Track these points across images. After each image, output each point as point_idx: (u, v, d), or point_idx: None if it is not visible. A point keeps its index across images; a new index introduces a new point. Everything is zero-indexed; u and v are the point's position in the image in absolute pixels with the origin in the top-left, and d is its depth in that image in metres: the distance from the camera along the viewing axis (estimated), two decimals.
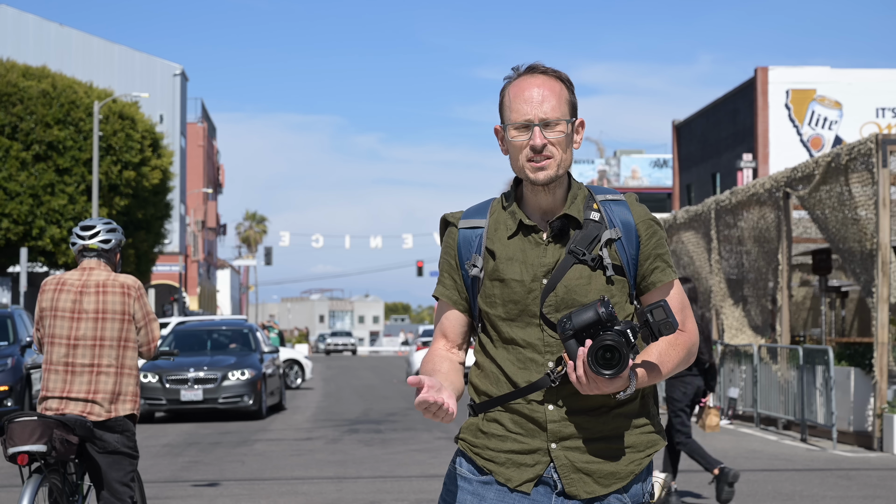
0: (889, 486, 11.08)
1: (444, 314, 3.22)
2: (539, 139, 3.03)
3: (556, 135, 3.05)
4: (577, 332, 2.93)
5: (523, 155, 3.05)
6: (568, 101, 3.09)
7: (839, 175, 14.95)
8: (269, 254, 76.14)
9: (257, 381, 19.05)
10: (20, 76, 37.93)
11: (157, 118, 56.62)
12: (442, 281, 3.21)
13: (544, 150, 3.03)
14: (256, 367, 19.27)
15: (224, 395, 18.67)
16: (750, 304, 19.34)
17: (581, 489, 3.03)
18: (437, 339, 3.23)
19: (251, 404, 18.88)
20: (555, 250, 3.07)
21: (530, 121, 3.04)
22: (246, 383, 18.85)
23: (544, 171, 3.04)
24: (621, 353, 2.87)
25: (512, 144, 3.07)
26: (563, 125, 3.05)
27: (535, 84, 3.07)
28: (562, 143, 3.05)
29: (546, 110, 3.04)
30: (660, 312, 2.94)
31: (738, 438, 15.76)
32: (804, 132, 33.33)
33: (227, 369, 18.89)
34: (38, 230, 36.78)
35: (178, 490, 10.83)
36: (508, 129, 3.07)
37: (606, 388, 2.93)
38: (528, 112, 3.04)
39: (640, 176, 52.04)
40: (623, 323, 2.93)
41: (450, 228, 3.22)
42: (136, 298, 6.22)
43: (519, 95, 3.07)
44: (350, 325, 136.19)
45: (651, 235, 3.11)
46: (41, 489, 5.99)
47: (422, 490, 10.70)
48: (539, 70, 3.10)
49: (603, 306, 2.91)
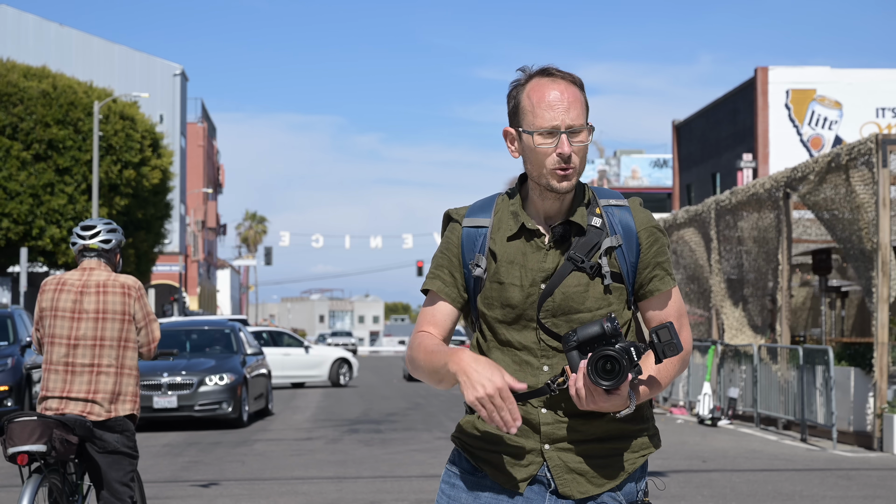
0: (889, 486, 11.08)
1: (436, 305, 3.15)
2: (567, 147, 2.99)
3: (580, 143, 3.02)
4: (581, 344, 2.93)
5: (549, 161, 3.00)
6: (587, 108, 3.07)
7: (839, 175, 14.95)
8: (269, 254, 76.18)
9: (237, 386, 17.57)
10: (20, 76, 37.96)
11: (157, 118, 56.64)
12: (440, 276, 3.15)
13: (571, 160, 3.00)
14: (237, 371, 17.81)
15: (200, 402, 17.15)
16: (750, 304, 19.34)
17: (574, 489, 3.03)
18: (426, 326, 3.14)
19: (230, 412, 17.37)
20: (555, 256, 3.05)
21: (557, 127, 3.00)
22: (225, 389, 17.35)
23: (569, 182, 3.01)
24: (621, 365, 2.86)
25: (536, 150, 3.02)
26: (586, 134, 3.03)
27: (559, 89, 3.02)
28: (583, 152, 3.04)
29: (573, 117, 3.00)
30: (665, 333, 2.94)
31: (738, 438, 15.76)
32: (804, 132, 33.33)
33: (204, 374, 17.34)
34: (38, 230, 36.79)
35: (178, 490, 10.82)
36: (534, 135, 3.02)
37: (603, 402, 2.90)
38: (556, 119, 3.00)
39: (640, 176, 52.06)
40: (628, 342, 2.93)
41: (452, 224, 3.18)
42: (136, 299, 6.22)
43: (543, 100, 3.01)
44: (350, 325, 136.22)
45: (652, 243, 3.10)
46: (41, 489, 5.99)
47: (422, 490, 10.70)
48: (558, 74, 3.06)
49: (609, 322, 2.91)
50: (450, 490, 3.15)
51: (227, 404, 17.34)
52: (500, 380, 2.84)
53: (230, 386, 17.44)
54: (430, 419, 19.23)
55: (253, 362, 19.23)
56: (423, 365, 3.07)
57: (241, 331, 19.80)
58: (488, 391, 2.83)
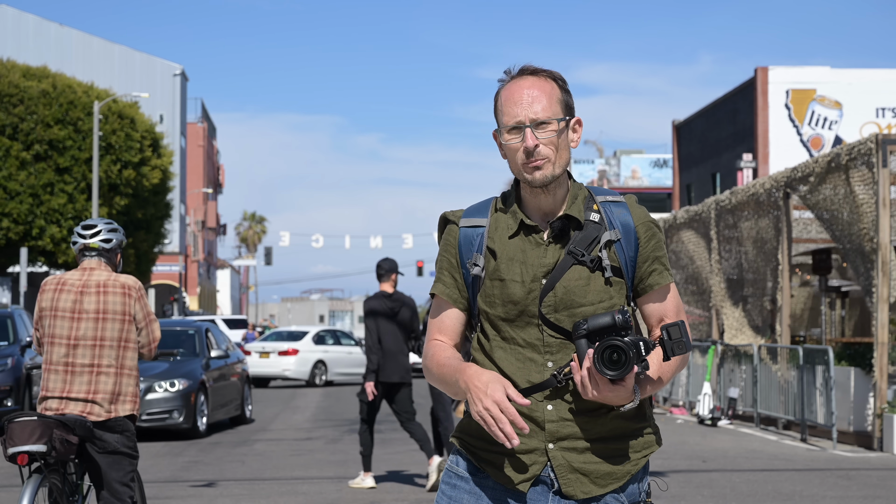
0: (889, 486, 11.08)
1: (443, 311, 3.20)
2: (531, 140, 3.02)
3: (548, 135, 3.04)
4: (591, 333, 2.95)
5: (518, 157, 3.06)
6: (560, 101, 3.08)
7: (839, 175, 14.95)
8: (269, 254, 76.17)
9: (191, 392, 15.77)
10: (21, 76, 37.98)
11: (157, 118, 56.65)
12: (441, 279, 3.19)
13: (537, 152, 3.03)
14: (193, 377, 16.03)
15: (147, 411, 15.42)
16: (750, 304, 19.34)
17: (578, 489, 3.03)
18: (435, 333, 3.19)
19: (181, 421, 15.60)
20: (555, 251, 3.07)
21: (521, 122, 3.04)
22: (176, 396, 15.60)
23: (540, 171, 3.04)
24: (627, 356, 2.88)
25: (507, 148, 3.08)
26: (555, 124, 3.05)
27: (524, 86, 3.07)
28: (555, 143, 3.05)
29: (537, 111, 3.04)
30: (676, 331, 2.96)
31: (738, 438, 15.76)
32: (804, 132, 33.33)
33: (152, 379, 15.62)
34: (38, 230, 36.80)
35: (178, 490, 10.83)
36: (502, 132, 3.08)
37: (607, 392, 2.92)
38: (519, 114, 3.04)
39: (640, 176, 52.05)
40: (637, 336, 2.95)
41: (450, 226, 3.20)
42: (136, 299, 6.22)
43: (509, 98, 3.07)
44: (350, 325, 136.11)
45: (650, 238, 3.12)
46: (41, 489, 5.99)
47: (422, 490, 10.71)
48: (528, 71, 3.10)
49: (620, 314, 2.93)
50: (451, 491, 3.14)
51: (178, 413, 15.59)
52: (499, 393, 2.90)
53: (182, 393, 15.70)
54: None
55: (219, 366, 17.39)
56: (437, 377, 3.14)
57: (210, 331, 17.95)
58: (486, 405, 2.90)
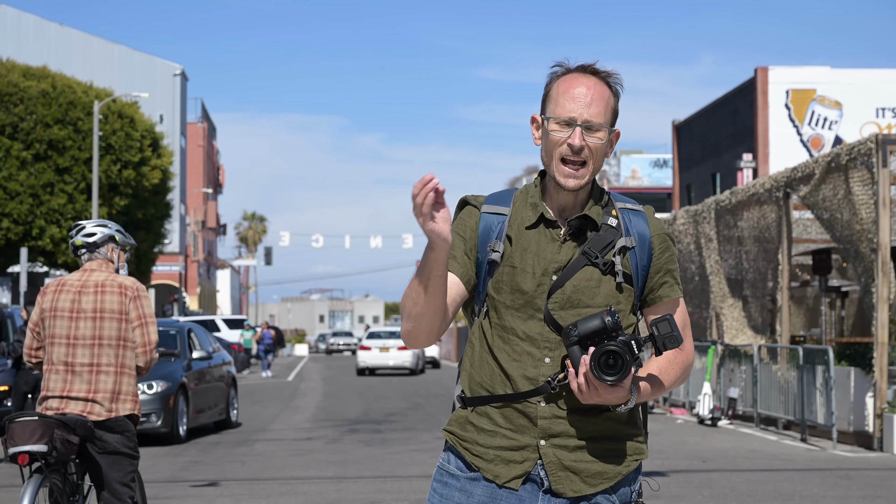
0: (889, 486, 11.09)
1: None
2: (579, 140, 3.01)
3: (595, 140, 3.04)
4: (582, 339, 2.94)
5: (559, 151, 3.04)
6: (612, 110, 3.09)
7: (839, 175, 14.96)
8: (269, 254, 76.19)
9: (170, 395, 15.14)
10: (20, 76, 37.96)
11: (157, 118, 56.62)
12: (452, 255, 3.11)
13: (582, 153, 3.02)
14: (171, 379, 15.37)
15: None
16: (750, 304, 19.35)
17: (568, 487, 3.03)
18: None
19: (159, 425, 14.98)
20: (569, 248, 3.08)
21: (574, 119, 3.03)
22: (154, 399, 14.92)
23: (575, 180, 3.04)
24: (624, 360, 2.89)
25: (550, 138, 3.06)
26: (604, 132, 3.05)
27: (585, 84, 3.06)
28: (598, 151, 3.05)
29: (592, 113, 3.03)
30: (665, 326, 2.97)
31: (738, 438, 15.77)
32: (804, 132, 33.32)
33: None
34: (38, 230, 36.79)
35: (178, 490, 10.83)
36: (550, 121, 3.05)
37: (607, 395, 2.94)
38: (574, 110, 3.03)
39: (640, 176, 52.02)
40: (628, 335, 2.95)
41: (470, 208, 3.18)
42: (132, 298, 6.18)
43: (568, 92, 3.05)
44: (350, 325, 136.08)
45: (664, 250, 3.14)
46: (42, 489, 6.00)
47: (422, 490, 10.70)
48: (591, 70, 3.09)
49: (609, 315, 2.93)
50: (442, 489, 3.14)
51: (155, 416, 14.96)
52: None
53: (161, 395, 15.05)
54: (430, 419, 19.23)
55: (202, 367, 16.64)
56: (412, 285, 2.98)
57: (194, 332, 17.18)
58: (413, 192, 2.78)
